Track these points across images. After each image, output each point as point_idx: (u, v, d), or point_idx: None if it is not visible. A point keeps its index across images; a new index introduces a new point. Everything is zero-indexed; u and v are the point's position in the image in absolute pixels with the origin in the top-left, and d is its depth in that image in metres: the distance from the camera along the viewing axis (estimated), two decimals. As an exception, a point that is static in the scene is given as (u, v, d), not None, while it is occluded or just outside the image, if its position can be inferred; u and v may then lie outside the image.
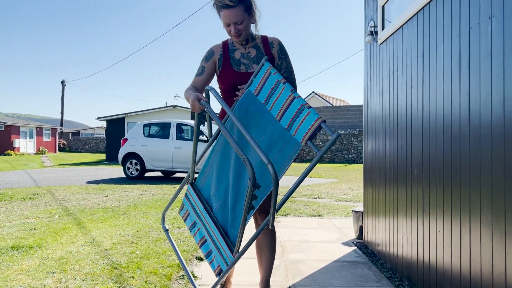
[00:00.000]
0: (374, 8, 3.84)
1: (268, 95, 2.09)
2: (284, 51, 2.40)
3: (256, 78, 2.16)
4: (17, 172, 14.09)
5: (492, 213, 1.86)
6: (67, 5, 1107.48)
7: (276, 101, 2.04)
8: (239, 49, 2.38)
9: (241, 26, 2.24)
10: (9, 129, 30.94)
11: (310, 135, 1.87)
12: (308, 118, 1.89)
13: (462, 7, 2.16)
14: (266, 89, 2.11)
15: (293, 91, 2.00)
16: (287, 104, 1.99)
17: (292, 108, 1.96)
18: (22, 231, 4.52)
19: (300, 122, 1.91)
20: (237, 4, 2.18)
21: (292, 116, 1.95)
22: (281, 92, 2.03)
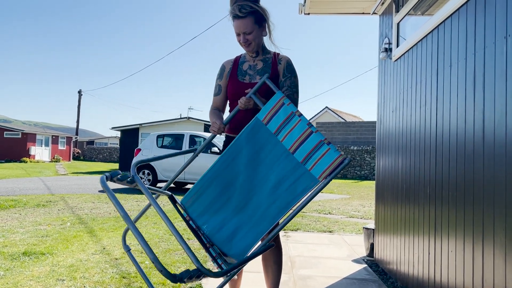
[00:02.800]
0: (389, 26, 3.86)
1: (280, 125, 2.04)
2: (290, 70, 2.39)
3: (266, 107, 2.10)
4: (32, 179, 14.29)
5: (506, 234, 1.83)
6: (86, 17, 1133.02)
7: (290, 133, 2.01)
8: (248, 61, 2.43)
9: (250, 36, 2.28)
10: (26, 137, 31.48)
11: (330, 172, 1.89)
12: (328, 154, 1.90)
13: (477, 26, 2.16)
14: (278, 119, 2.06)
15: (310, 125, 1.99)
16: (303, 137, 1.97)
17: (309, 142, 1.96)
18: (34, 238, 4.57)
19: (319, 157, 1.91)
20: (247, 15, 2.24)
21: (310, 151, 1.94)
22: (296, 124, 2.00)
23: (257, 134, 2.07)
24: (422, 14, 3.20)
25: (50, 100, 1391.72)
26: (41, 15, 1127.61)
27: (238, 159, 2.07)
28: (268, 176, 2.01)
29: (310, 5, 4.41)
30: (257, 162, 2.04)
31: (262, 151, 2.05)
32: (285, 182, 1.96)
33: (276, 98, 2.09)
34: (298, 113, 2.03)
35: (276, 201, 1.95)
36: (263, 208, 1.96)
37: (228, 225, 1.98)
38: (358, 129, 22.54)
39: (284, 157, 1.99)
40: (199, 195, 2.05)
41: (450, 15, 2.50)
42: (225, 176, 2.07)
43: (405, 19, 3.51)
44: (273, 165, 2.01)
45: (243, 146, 2.07)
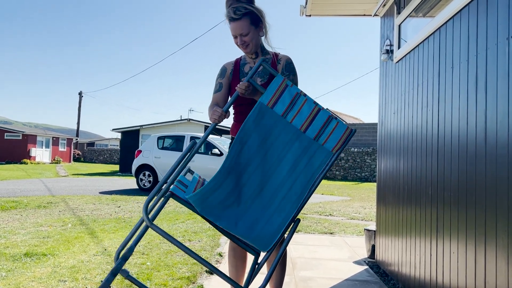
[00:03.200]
0: (390, 27, 3.87)
1: (287, 107, 2.06)
2: (289, 68, 2.39)
3: (269, 90, 2.09)
4: (32, 181, 14.29)
5: (508, 235, 1.83)
6: (86, 17, 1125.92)
7: (298, 113, 2.04)
8: (249, 63, 2.44)
9: (247, 38, 2.29)
10: (26, 138, 31.50)
11: (342, 144, 1.98)
12: (338, 127, 2.00)
13: (479, 28, 2.16)
14: (284, 101, 2.07)
15: (316, 103, 2.04)
16: (312, 115, 2.03)
17: (319, 119, 2.02)
18: (36, 239, 4.57)
19: (330, 132, 2.00)
20: (242, 17, 2.24)
21: (320, 127, 2.01)
22: (303, 104, 2.05)
23: (264, 118, 2.07)
24: (423, 16, 3.20)
25: (51, 102, 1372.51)
26: (40, 16, 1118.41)
27: (247, 147, 2.04)
28: (282, 158, 2.02)
29: (311, 7, 4.42)
30: (268, 146, 2.04)
31: (272, 134, 2.05)
32: (302, 160, 2.00)
33: (278, 81, 2.09)
34: (302, 93, 2.06)
35: (297, 179, 1.98)
36: (284, 190, 1.97)
37: (245, 216, 1.96)
38: (359, 131, 22.53)
39: (296, 136, 2.03)
40: (212, 192, 1.98)
41: (452, 17, 2.51)
42: (236, 168, 2.03)
43: (407, 21, 3.51)
44: (285, 147, 2.02)
45: (251, 132, 2.05)
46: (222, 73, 2.47)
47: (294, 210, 1.93)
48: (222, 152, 11.27)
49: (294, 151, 2.01)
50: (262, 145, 2.04)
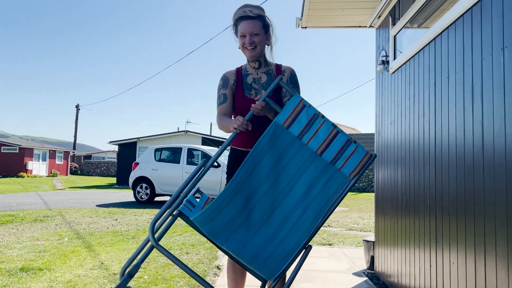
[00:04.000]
0: (386, 38, 3.89)
1: (304, 128, 1.98)
2: (293, 80, 2.40)
3: (286, 110, 2.01)
4: (29, 194, 14.20)
5: (508, 245, 1.82)
6: (82, 31, 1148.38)
7: (315, 135, 1.97)
8: (251, 73, 2.41)
9: (256, 39, 2.29)
10: (23, 152, 31.39)
11: (360, 169, 1.89)
12: (357, 152, 1.92)
13: (474, 38, 2.18)
14: (300, 122, 1.99)
15: (334, 126, 1.97)
16: (330, 138, 1.96)
17: (336, 142, 1.95)
18: (32, 253, 4.52)
19: (348, 156, 1.92)
20: (256, 17, 2.28)
21: (338, 151, 1.94)
22: (320, 126, 1.97)
23: (279, 139, 1.98)
24: (418, 27, 3.23)
25: (48, 115, 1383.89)
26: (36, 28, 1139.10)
27: (259, 168, 1.95)
28: (295, 182, 1.93)
29: (307, 19, 4.45)
30: (280, 169, 1.95)
31: (285, 156, 1.97)
32: (316, 185, 1.91)
33: (295, 100, 2.02)
34: (320, 114, 1.99)
35: (310, 205, 1.89)
36: (296, 216, 1.88)
37: (252, 241, 1.85)
38: (356, 141, 22.58)
39: (312, 159, 1.95)
40: (219, 212, 1.87)
41: (447, 27, 2.53)
42: (246, 188, 1.93)
43: (402, 32, 3.54)
44: (299, 169, 1.94)
45: (264, 153, 1.96)
46: (224, 83, 2.42)
47: (305, 238, 1.84)
48: (220, 164, 11.24)
49: (308, 175, 1.93)
50: (276, 167, 1.95)
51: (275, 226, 1.87)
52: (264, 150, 1.96)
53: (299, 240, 1.84)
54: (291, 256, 1.82)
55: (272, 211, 1.90)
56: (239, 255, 1.80)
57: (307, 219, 1.87)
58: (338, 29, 4.97)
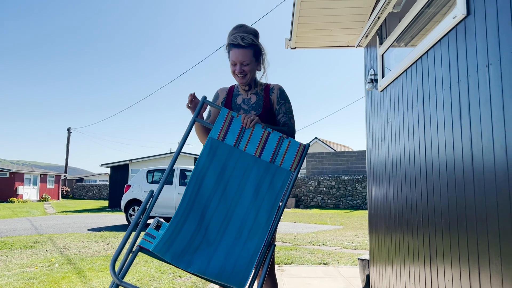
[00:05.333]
0: (374, 57, 3.95)
1: (238, 136, 2.10)
2: (283, 96, 2.43)
3: (217, 125, 2.12)
4: (19, 220, 13.97)
5: (502, 261, 1.82)
6: (73, 53, 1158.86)
7: (249, 140, 2.09)
8: (242, 94, 2.44)
9: (247, 68, 2.30)
10: (14, 176, 31.01)
11: (298, 161, 2.03)
12: (291, 146, 2.06)
13: (460, 56, 2.22)
14: (233, 132, 2.11)
15: (265, 127, 2.09)
16: (264, 139, 2.08)
17: (271, 142, 2.08)
18: (21, 281, 4.42)
19: (284, 151, 2.06)
20: (247, 47, 2.27)
21: (274, 149, 2.06)
22: (252, 130, 2.10)
23: (217, 152, 2.08)
24: (405, 45, 3.28)
25: (39, 139, 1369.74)
26: (26, 53, 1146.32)
27: (205, 184, 2.02)
28: (243, 187, 2.01)
29: (296, 40, 4.51)
30: (226, 180, 2.03)
31: (228, 166, 2.06)
32: (262, 185, 2.01)
33: (223, 114, 2.12)
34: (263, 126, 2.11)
35: (262, 205, 1.98)
36: (251, 218, 1.95)
37: (216, 255, 1.88)
38: (348, 158, 22.64)
39: (253, 162, 2.06)
40: (176, 235, 1.89)
41: (433, 46, 2.57)
42: (197, 206, 1.98)
43: (389, 51, 3.59)
44: (244, 175, 2.04)
45: (206, 168, 2.04)
46: (214, 100, 2.50)
47: (264, 237, 1.91)
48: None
49: (253, 178, 2.03)
50: (220, 179, 2.03)
51: (233, 235, 1.93)
52: (205, 166, 2.04)
53: (259, 241, 1.90)
54: (255, 259, 1.86)
55: (228, 221, 1.96)
56: (205, 273, 1.83)
57: (262, 219, 1.95)
58: (327, 49, 5.03)
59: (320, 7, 3.88)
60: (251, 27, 2.35)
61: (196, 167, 2.04)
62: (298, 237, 8.87)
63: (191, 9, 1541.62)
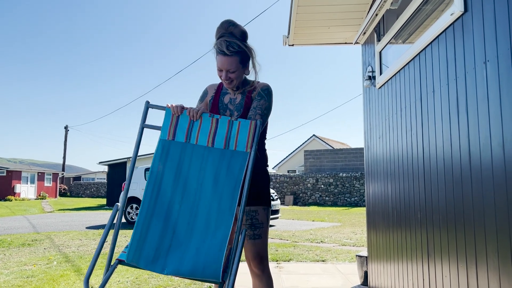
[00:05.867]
0: (372, 54, 3.95)
1: (187, 132, 2.07)
2: (261, 94, 2.32)
3: (164, 125, 2.09)
4: (17, 218, 13.95)
5: (499, 257, 1.83)
6: (70, 50, 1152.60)
7: (199, 132, 2.06)
8: (229, 93, 2.41)
9: (233, 75, 2.25)
10: (11, 174, 30.94)
11: (252, 139, 2.00)
12: (242, 126, 2.03)
13: (457, 53, 2.22)
14: (182, 128, 2.08)
15: (212, 115, 2.06)
16: (213, 127, 2.06)
17: (221, 128, 2.05)
18: (19, 279, 4.42)
19: (236, 134, 2.03)
20: (233, 55, 2.20)
21: (225, 134, 2.04)
22: (200, 122, 2.07)
23: (170, 152, 2.05)
24: (403, 42, 3.28)
25: (36, 137, 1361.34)
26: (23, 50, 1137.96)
27: (164, 185, 2.00)
28: (202, 180, 1.99)
29: (293, 37, 4.51)
30: (184, 177, 2.01)
31: (183, 163, 2.04)
32: (220, 173, 1.99)
33: (168, 114, 2.10)
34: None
35: (223, 193, 1.96)
36: (214, 209, 1.94)
37: (187, 254, 1.87)
38: (346, 155, 22.67)
39: (207, 153, 2.03)
40: (143, 241, 1.89)
41: (430, 43, 2.57)
42: (159, 209, 1.97)
43: (387, 48, 3.60)
44: (201, 168, 2.01)
45: (162, 171, 2.02)
46: (203, 96, 2.46)
47: (230, 223, 1.89)
48: None
49: (210, 168, 2.01)
50: (178, 177, 2.01)
51: (201, 230, 1.91)
52: (160, 168, 2.02)
53: (226, 229, 1.89)
54: (224, 247, 1.85)
55: (194, 217, 1.94)
56: (179, 273, 1.84)
57: (225, 206, 1.93)
58: (325, 46, 5.04)
59: (317, 4, 3.88)
60: (239, 27, 2.24)
61: (152, 171, 2.02)
62: (296, 234, 8.88)
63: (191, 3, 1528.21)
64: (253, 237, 2.29)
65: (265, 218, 2.34)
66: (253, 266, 2.31)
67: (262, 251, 2.29)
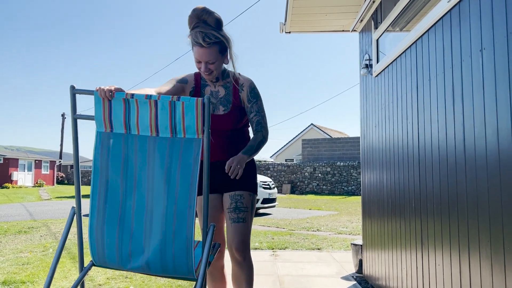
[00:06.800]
0: (369, 42, 3.92)
1: (124, 120, 1.75)
2: (254, 94, 2.29)
3: (97, 115, 1.77)
4: (14, 205, 13.96)
5: (491, 246, 1.83)
6: (68, 39, 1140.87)
7: (138, 120, 1.73)
8: (209, 86, 2.31)
9: (213, 66, 2.17)
10: (8, 162, 30.90)
11: (202, 122, 1.67)
12: (187, 108, 1.67)
13: (454, 41, 2.20)
14: (117, 117, 1.75)
15: (149, 96, 1.69)
16: (153, 112, 1.70)
17: (162, 112, 1.69)
18: (15, 266, 4.43)
19: (181, 117, 1.68)
20: (211, 45, 2.10)
21: (169, 120, 1.70)
22: (137, 106, 1.72)
23: (111, 147, 1.77)
24: (400, 30, 3.25)
25: (34, 124, 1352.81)
26: (21, 38, 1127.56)
27: (111, 186, 1.78)
28: (153, 177, 1.73)
29: (290, 24, 4.46)
30: (131, 171, 1.76)
31: (128, 157, 1.76)
32: (172, 166, 1.71)
33: (98, 100, 1.74)
34: (129, 94, 1.71)
35: (179, 190, 1.70)
36: (171, 206, 1.70)
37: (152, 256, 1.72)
38: (344, 145, 22.69)
39: (153, 144, 1.73)
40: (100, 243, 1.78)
41: (427, 30, 2.55)
42: (111, 208, 1.78)
43: (384, 35, 3.56)
44: (149, 161, 1.73)
45: (105, 167, 1.78)
46: (183, 80, 2.27)
47: (193, 219, 1.69)
48: None
49: (159, 162, 1.72)
50: (126, 175, 1.77)
51: (161, 230, 1.71)
52: (103, 164, 1.78)
53: (189, 226, 1.69)
54: (191, 244, 1.69)
55: (151, 218, 1.73)
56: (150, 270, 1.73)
57: (183, 203, 1.70)
58: (322, 34, 4.99)
59: (314, -9, 3.82)
60: (213, 15, 2.10)
61: (94, 169, 1.79)
62: (293, 222, 8.92)
63: None
64: (237, 220, 2.21)
65: (250, 203, 2.27)
66: (234, 252, 2.22)
67: (245, 236, 2.22)
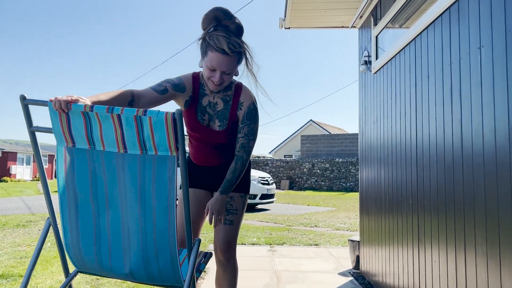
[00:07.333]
0: (368, 39, 3.91)
1: (86, 134, 1.54)
2: (250, 116, 2.06)
3: (55, 128, 1.57)
4: (12, 199, 13.96)
5: (487, 243, 1.83)
6: (67, 32, 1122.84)
7: (102, 134, 1.53)
8: (208, 95, 2.09)
9: (227, 77, 1.96)
10: (6, 155, 30.87)
11: (174, 137, 1.46)
12: (156, 122, 1.44)
13: (453, 38, 2.19)
14: (77, 130, 1.54)
15: (110, 109, 1.46)
16: (117, 126, 1.49)
17: (128, 126, 1.48)
18: (13, 259, 4.44)
19: (150, 133, 1.47)
20: (234, 55, 1.91)
21: (136, 136, 1.49)
22: (99, 120, 1.50)
23: (75, 163, 1.60)
24: (399, 27, 3.25)
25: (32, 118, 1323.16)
26: (19, 30, 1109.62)
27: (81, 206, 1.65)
28: (125, 198, 1.57)
29: (290, 20, 4.45)
30: (102, 192, 1.61)
31: (96, 174, 1.59)
32: (145, 183, 1.53)
33: (53, 113, 1.53)
34: (87, 107, 1.48)
35: (156, 211, 1.55)
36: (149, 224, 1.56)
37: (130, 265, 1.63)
38: (343, 141, 22.70)
39: (121, 161, 1.54)
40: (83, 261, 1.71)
41: (426, 27, 2.54)
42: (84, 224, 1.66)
43: (384, 32, 3.56)
44: (118, 181, 1.57)
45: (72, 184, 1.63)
46: (179, 87, 2.02)
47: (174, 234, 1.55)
48: None
49: (131, 181, 1.54)
50: (95, 189, 1.61)
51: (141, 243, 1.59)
52: (69, 181, 1.63)
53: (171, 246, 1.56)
54: (176, 262, 1.58)
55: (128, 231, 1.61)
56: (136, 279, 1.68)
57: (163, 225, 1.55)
58: (321, 30, 4.98)
59: (314, -13, 3.81)
60: (235, 20, 1.91)
61: (61, 191, 1.65)
62: (291, 218, 8.94)
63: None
64: (224, 222, 2.15)
65: (241, 205, 2.21)
66: (219, 253, 2.17)
67: (231, 239, 2.16)
